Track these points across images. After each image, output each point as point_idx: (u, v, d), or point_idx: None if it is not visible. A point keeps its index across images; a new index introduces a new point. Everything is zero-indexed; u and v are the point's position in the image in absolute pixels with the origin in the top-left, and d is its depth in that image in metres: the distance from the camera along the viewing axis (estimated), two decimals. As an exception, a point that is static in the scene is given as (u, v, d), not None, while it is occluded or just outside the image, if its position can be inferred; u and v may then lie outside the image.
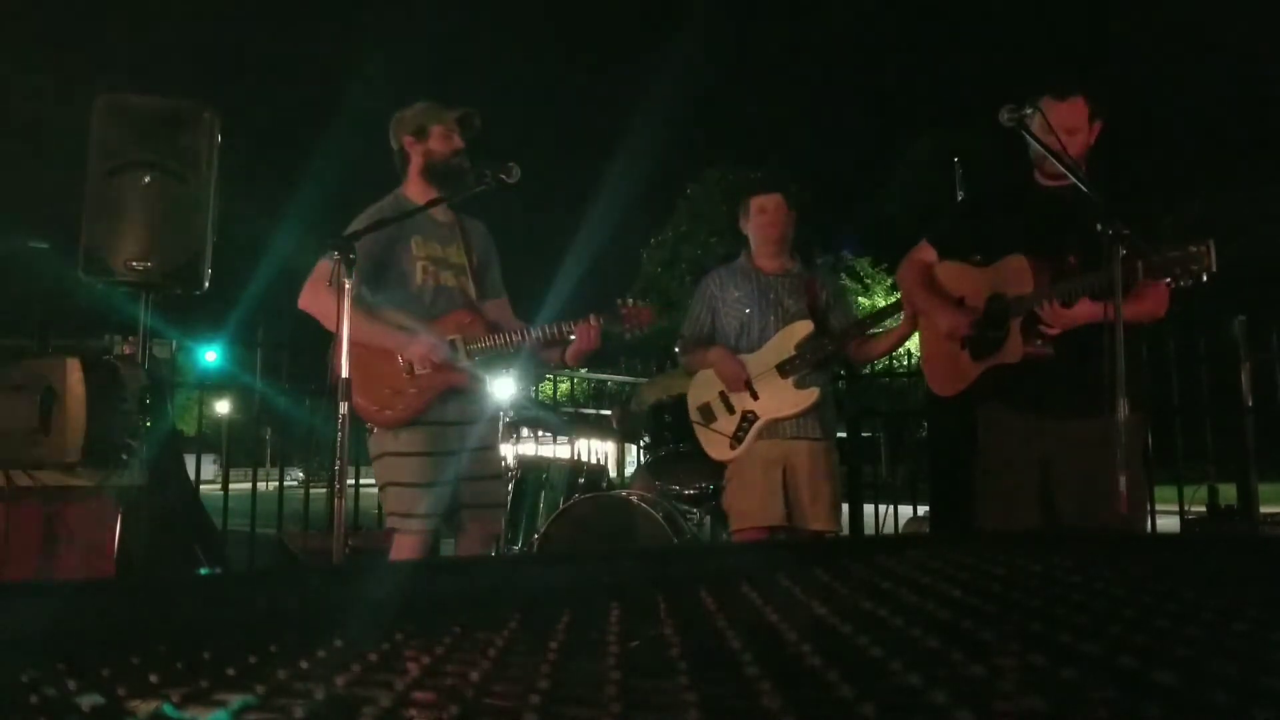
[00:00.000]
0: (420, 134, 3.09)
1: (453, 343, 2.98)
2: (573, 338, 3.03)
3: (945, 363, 2.97)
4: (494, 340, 3.00)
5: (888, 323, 3.66)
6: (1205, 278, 2.28)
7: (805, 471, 3.43)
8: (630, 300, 3.09)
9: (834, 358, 3.59)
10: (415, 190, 3.09)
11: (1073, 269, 2.61)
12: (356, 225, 2.91)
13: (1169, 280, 2.34)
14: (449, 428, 2.99)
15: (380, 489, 3.01)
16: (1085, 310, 2.55)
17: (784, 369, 3.41)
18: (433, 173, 3.07)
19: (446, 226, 3.14)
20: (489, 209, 3.29)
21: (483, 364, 3.05)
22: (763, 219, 3.54)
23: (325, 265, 2.86)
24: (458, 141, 3.09)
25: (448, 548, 3.58)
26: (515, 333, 3.04)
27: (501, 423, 3.84)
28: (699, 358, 3.59)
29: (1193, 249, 2.27)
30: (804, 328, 3.45)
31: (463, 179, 3.06)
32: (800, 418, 3.44)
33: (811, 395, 3.41)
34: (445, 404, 2.98)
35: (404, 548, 2.92)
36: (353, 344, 2.84)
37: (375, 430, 3.00)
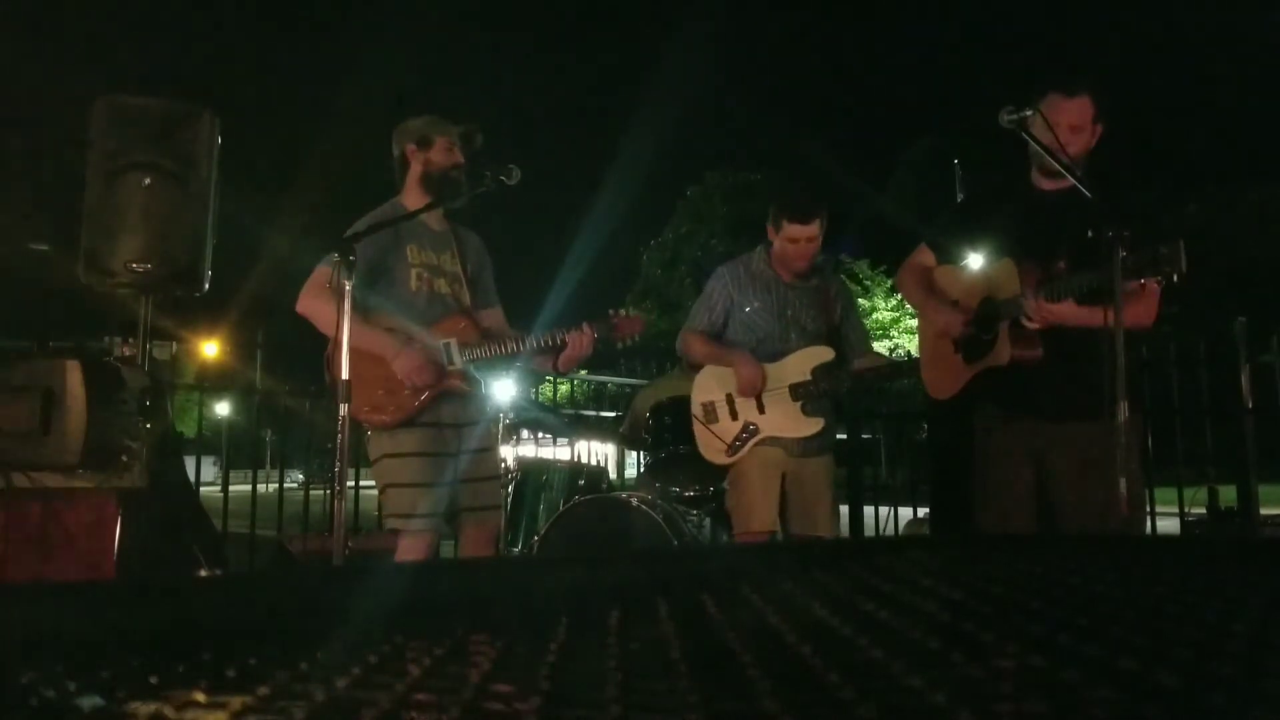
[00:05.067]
0: (423, 144, 3.11)
1: (447, 346, 2.99)
2: (565, 344, 3.02)
3: (940, 365, 2.98)
4: (488, 347, 3.02)
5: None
6: (1176, 278, 2.28)
7: (806, 479, 3.44)
8: (623, 310, 3.07)
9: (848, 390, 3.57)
10: (413, 199, 3.11)
11: (1061, 273, 2.62)
12: (355, 229, 2.92)
13: (1141, 279, 2.34)
14: (446, 429, 3.01)
15: (380, 491, 3.02)
16: (1071, 311, 2.55)
17: (796, 392, 3.40)
18: (430, 183, 3.09)
19: (441, 235, 3.17)
20: (490, 210, 3.30)
21: (478, 369, 3.06)
22: (793, 248, 3.48)
23: (324, 270, 2.89)
24: (458, 156, 3.12)
25: (446, 549, 3.58)
26: (509, 340, 3.06)
27: (501, 425, 3.84)
28: (717, 354, 3.53)
29: (1163, 250, 2.28)
30: (824, 353, 3.44)
31: (458, 193, 3.09)
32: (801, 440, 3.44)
33: (816, 424, 3.41)
34: (440, 406, 2.99)
35: (408, 549, 2.93)
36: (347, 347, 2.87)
37: (372, 433, 3.01)
